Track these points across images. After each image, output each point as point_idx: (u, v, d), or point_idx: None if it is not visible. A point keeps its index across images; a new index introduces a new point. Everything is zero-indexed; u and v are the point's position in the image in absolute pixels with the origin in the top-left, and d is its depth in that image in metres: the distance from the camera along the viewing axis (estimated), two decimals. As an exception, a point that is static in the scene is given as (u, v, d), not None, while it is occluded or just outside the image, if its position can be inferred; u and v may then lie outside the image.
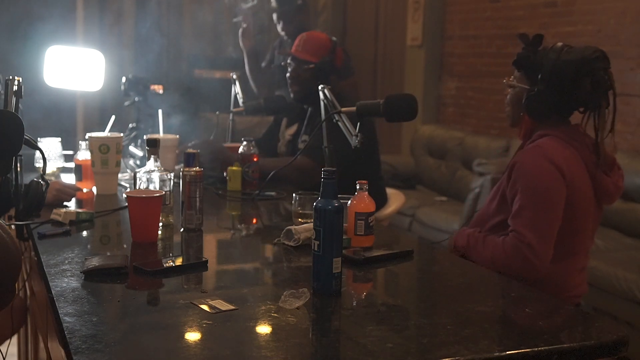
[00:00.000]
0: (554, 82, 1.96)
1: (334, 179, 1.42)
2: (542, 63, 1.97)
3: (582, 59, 1.94)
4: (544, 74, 1.97)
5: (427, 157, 5.58)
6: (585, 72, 1.93)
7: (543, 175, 1.93)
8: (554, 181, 1.93)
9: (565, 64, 1.94)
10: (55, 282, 1.44)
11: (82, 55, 3.25)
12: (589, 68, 1.93)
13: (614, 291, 3.41)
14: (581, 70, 1.93)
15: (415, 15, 6.03)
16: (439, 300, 1.51)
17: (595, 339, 1.26)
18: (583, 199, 1.98)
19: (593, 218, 2.04)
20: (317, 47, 2.85)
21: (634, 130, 4.35)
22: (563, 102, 1.99)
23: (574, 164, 1.96)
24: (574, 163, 1.96)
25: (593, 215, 2.03)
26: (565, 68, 1.94)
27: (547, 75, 1.96)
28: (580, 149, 1.98)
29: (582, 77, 1.93)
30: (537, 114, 2.02)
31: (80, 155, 2.50)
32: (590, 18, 4.57)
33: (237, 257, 1.84)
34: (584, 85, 1.94)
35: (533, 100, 2.00)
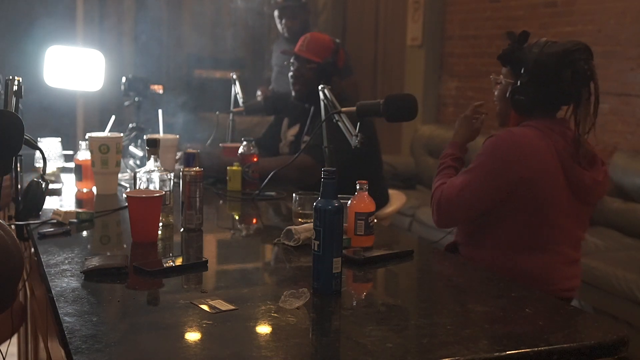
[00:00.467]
0: (536, 74, 2.00)
1: (334, 179, 1.42)
2: (526, 57, 2.02)
3: (563, 51, 1.97)
4: (527, 67, 2.01)
5: (427, 157, 5.58)
6: (566, 64, 1.97)
7: (504, 157, 1.98)
8: (505, 166, 1.97)
9: (547, 56, 1.98)
10: (55, 282, 1.44)
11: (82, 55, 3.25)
12: (570, 59, 1.97)
13: (614, 291, 3.41)
14: (562, 62, 1.97)
15: (415, 15, 6.03)
16: (439, 300, 1.51)
17: (595, 339, 1.26)
18: (553, 192, 1.99)
19: (572, 212, 2.04)
20: (321, 47, 2.86)
21: (634, 130, 4.35)
22: (546, 94, 2.02)
23: (545, 155, 1.98)
24: (545, 154, 1.98)
25: (573, 210, 2.04)
26: (547, 60, 1.98)
27: (529, 68, 2.00)
28: (557, 141, 2.00)
29: (562, 68, 1.97)
30: (521, 107, 2.06)
31: (80, 155, 2.50)
32: (590, 18, 4.57)
33: (237, 257, 1.84)
34: (564, 77, 1.97)
35: (517, 93, 2.04)
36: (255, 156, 2.57)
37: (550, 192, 1.99)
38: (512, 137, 2.00)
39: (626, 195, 4.11)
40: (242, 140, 2.63)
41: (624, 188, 4.11)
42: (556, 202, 2.00)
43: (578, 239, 2.09)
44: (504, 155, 1.98)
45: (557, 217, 2.02)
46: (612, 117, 4.49)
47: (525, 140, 1.98)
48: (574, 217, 2.06)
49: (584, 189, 2.02)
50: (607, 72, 4.47)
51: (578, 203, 2.05)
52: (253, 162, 2.56)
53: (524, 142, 1.98)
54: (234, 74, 3.36)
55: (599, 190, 2.06)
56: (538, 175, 1.96)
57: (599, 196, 2.09)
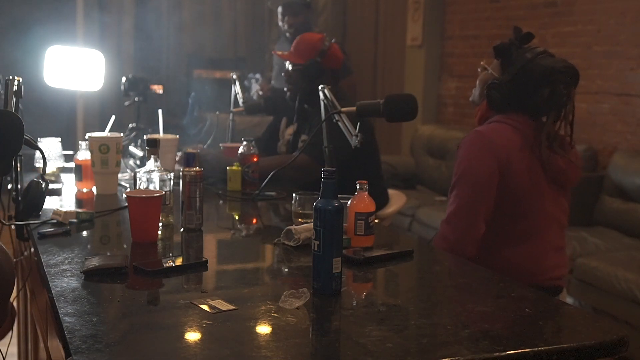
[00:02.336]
0: (518, 79, 2.04)
1: (334, 179, 1.42)
2: (517, 58, 2.05)
3: (551, 68, 2.00)
4: (513, 69, 2.04)
5: (427, 157, 5.58)
6: (548, 82, 2.00)
7: (475, 154, 2.02)
8: (484, 161, 2.00)
9: (535, 66, 2.02)
10: (55, 282, 1.44)
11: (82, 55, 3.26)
12: (553, 79, 2.00)
13: (614, 291, 3.41)
14: (545, 79, 2.00)
15: (415, 15, 6.03)
16: (439, 300, 1.51)
17: (595, 339, 1.25)
18: (530, 179, 2.02)
19: (552, 197, 2.07)
20: (306, 49, 2.87)
21: (634, 130, 4.35)
22: (519, 100, 2.06)
23: (514, 143, 2.01)
24: (514, 142, 2.02)
25: (550, 195, 2.06)
26: (533, 71, 2.02)
27: (514, 70, 2.04)
28: (524, 130, 2.03)
29: (543, 84, 2.01)
30: (493, 102, 2.09)
31: (80, 155, 2.50)
32: (590, 18, 4.57)
33: (237, 257, 1.84)
34: (542, 93, 2.01)
35: (493, 89, 2.08)
36: (255, 156, 2.57)
37: (527, 179, 2.02)
38: (479, 136, 2.04)
39: (626, 195, 4.11)
40: (242, 140, 2.63)
41: (624, 188, 4.11)
42: (535, 188, 2.03)
43: (561, 225, 2.12)
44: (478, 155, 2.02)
45: (538, 204, 2.05)
46: (612, 117, 4.49)
47: (493, 135, 2.03)
48: (554, 202, 2.09)
49: (560, 172, 2.06)
50: (607, 72, 4.47)
51: (556, 187, 2.08)
52: (253, 162, 2.56)
53: (492, 136, 2.02)
54: (234, 74, 3.36)
55: (574, 172, 2.10)
56: (511, 163, 2.00)
57: (575, 179, 2.13)
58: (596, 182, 4.31)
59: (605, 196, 4.24)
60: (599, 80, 4.51)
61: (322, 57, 2.84)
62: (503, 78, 2.06)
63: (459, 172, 2.05)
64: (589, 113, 4.60)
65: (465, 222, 2.02)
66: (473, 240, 2.01)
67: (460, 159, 2.05)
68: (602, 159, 4.49)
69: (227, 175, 2.56)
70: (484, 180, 2.00)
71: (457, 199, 2.03)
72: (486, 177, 2.00)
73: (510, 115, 2.07)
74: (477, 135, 2.04)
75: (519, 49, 2.07)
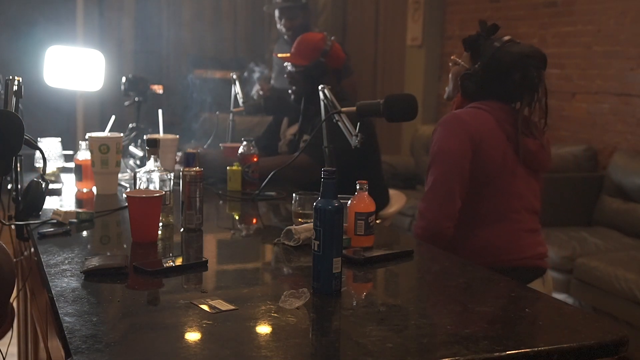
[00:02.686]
0: (489, 67, 2.10)
1: (334, 179, 1.42)
2: (486, 48, 2.11)
3: (519, 53, 2.07)
4: (483, 58, 2.11)
5: (427, 157, 5.56)
6: (518, 67, 2.07)
7: (449, 134, 2.08)
8: (458, 140, 2.06)
9: (504, 54, 2.08)
10: (55, 282, 1.44)
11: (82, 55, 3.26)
12: (523, 63, 2.07)
13: (614, 291, 3.41)
14: (515, 64, 2.07)
15: (415, 15, 6.03)
16: (439, 300, 1.51)
17: (595, 339, 1.25)
18: (502, 159, 2.07)
19: (523, 179, 2.12)
20: (308, 50, 2.86)
21: (634, 130, 4.35)
22: (492, 88, 2.13)
23: (486, 125, 2.08)
24: (486, 124, 2.08)
25: (520, 176, 2.11)
26: (502, 58, 2.08)
27: (485, 59, 2.10)
28: (497, 114, 2.09)
29: (514, 69, 2.08)
30: (468, 93, 2.16)
31: (80, 155, 2.50)
32: (590, 18, 4.57)
33: (237, 257, 1.84)
34: (513, 78, 2.08)
35: (467, 80, 2.14)
36: (255, 156, 2.57)
37: (498, 159, 2.07)
38: (454, 117, 2.11)
39: (626, 195, 4.11)
40: (242, 140, 2.63)
41: (624, 188, 4.11)
42: (506, 170, 2.08)
43: (534, 208, 2.16)
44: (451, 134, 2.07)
45: (509, 185, 2.09)
46: (612, 117, 4.49)
47: (467, 117, 2.09)
48: (525, 184, 2.13)
49: (530, 154, 2.11)
50: (607, 72, 4.47)
51: (528, 170, 2.13)
52: (253, 162, 2.56)
53: (465, 118, 2.08)
54: (234, 74, 3.35)
55: (544, 155, 2.15)
56: (483, 142, 2.06)
57: (546, 162, 2.18)
58: (596, 182, 4.31)
59: (605, 196, 4.24)
60: (599, 80, 4.51)
61: (325, 57, 2.84)
62: (475, 68, 2.12)
63: (433, 151, 2.11)
64: (589, 113, 4.60)
65: (441, 198, 2.07)
66: (449, 215, 2.07)
67: (435, 140, 2.12)
68: (602, 159, 4.49)
69: (227, 175, 2.56)
70: (457, 157, 2.06)
71: (432, 177, 2.09)
72: (459, 154, 2.06)
73: (485, 102, 2.13)
74: (451, 116, 2.11)
75: (486, 39, 2.13)
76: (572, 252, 3.74)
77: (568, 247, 3.78)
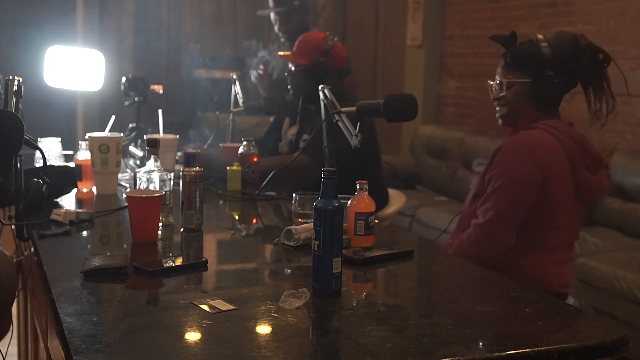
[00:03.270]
0: (558, 66, 2.03)
1: (334, 179, 1.42)
2: (540, 52, 2.03)
3: (571, 39, 2.03)
4: (547, 61, 2.02)
5: (427, 157, 5.58)
6: (580, 52, 2.02)
7: (519, 163, 2.00)
8: (529, 170, 1.98)
9: (561, 46, 2.03)
10: (55, 282, 1.44)
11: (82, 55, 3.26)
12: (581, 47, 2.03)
13: (614, 291, 3.41)
14: (576, 50, 2.02)
15: (415, 15, 6.03)
16: (439, 300, 1.51)
17: (595, 339, 1.25)
18: (562, 194, 2.01)
19: (573, 214, 2.07)
20: (308, 49, 2.86)
21: (634, 130, 4.35)
22: (569, 83, 2.07)
23: (556, 156, 2.00)
24: (556, 156, 2.01)
25: (573, 211, 2.06)
26: (562, 52, 2.02)
27: (550, 61, 2.02)
28: (565, 142, 2.02)
29: (579, 56, 2.03)
30: (547, 101, 2.08)
31: (80, 155, 2.49)
32: (590, 18, 4.57)
33: (237, 257, 1.84)
34: (583, 63, 2.03)
35: (542, 90, 2.05)
36: (255, 156, 2.57)
37: (558, 195, 2.00)
38: (525, 144, 2.01)
39: (626, 195, 4.11)
40: (242, 140, 2.63)
41: (624, 188, 4.11)
42: (563, 204, 2.02)
43: (574, 239, 2.12)
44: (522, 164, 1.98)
45: (558, 218, 2.03)
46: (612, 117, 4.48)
47: (539, 147, 1.99)
48: (573, 217, 2.08)
49: (589, 192, 2.05)
50: (607, 72, 4.47)
51: (579, 205, 2.07)
52: (253, 162, 2.56)
53: (537, 149, 1.99)
54: (234, 74, 3.35)
55: (601, 193, 2.09)
56: (551, 177, 1.98)
57: (598, 199, 2.11)
58: (596, 182, 4.30)
59: (605, 196, 4.24)
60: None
61: (325, 57, 2.84)
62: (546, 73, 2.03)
63: (501, 178, 2.01)
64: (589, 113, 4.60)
65: (503, 230, 2.00)
66: (505, 248, 2.01)
67: (504, 166, 2.02)
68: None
69: (226, 175, 2.56)
70: (526, 191, 1.99)
71: (498, 206, 2.00)
72: (529, 188, 1.98)
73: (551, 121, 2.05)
74: (522, 145, 2.01)
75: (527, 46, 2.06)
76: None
77: (568, 247, 3.77)
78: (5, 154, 1.47)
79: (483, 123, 5.47)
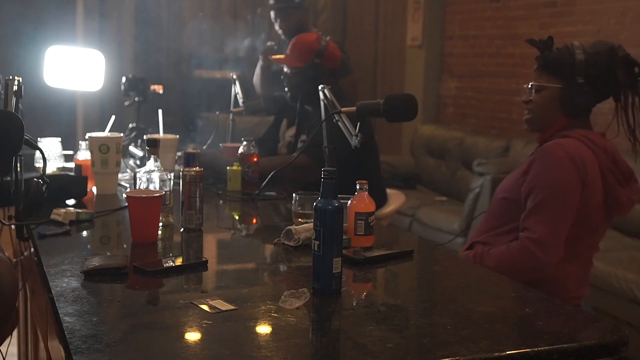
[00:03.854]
0: (591, 75, 1.99)
1: (334, 179, 1.42)
2: (574, 59, 2.00)
3: (608, 50, 2.00)
4: (580, 69, 1.99)
5: (427, 157, 5.58)
6: (617, 63, 1.99)
7: (563, 171, 1.94)
8: (573, 179, 1.94)
9: (597, 55, 1.99)
10: (55, 282, 1.44)
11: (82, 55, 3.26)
12: (619, 59, 1.99)
13: (614, 291, 3.41)
14: (613, 62, 1.99)
15: (415, 15, 6.03)
16: (439, 300, 1.51)
17: (595, 339, 1.26)
18: (594, 204, 1.98)
19: (599, 226, 2.03)
20: (302, 51, 2.85)
21: (634, 130, 4.34)
22: (601, 93, 2.03)
23: (591, 165, 1.97)
24: (591, 166, 1.97)
25: (599, 223, 2.03)
26: (598, 60, 1.99)
27: (583, 68, 1.99)
28: (597, 152, 1.99)
29: (615, 68, 1.99)
30: (577, 109, 2.04)
31: (80, 155, 2.49)
32: (590, 18, 4.57)
33: (237, 257, 1.84)
34: (617, 76, 1.99)
35: (574, 97, 2.02)
36: (255, 156, 2.57)
37: (590, 206, 1.97)
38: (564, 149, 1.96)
39: (626, 195, 4.11)
40: (242, 140, 2.63)
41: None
42: (593, 216, 1.99)
43: (595, 251, 2.09)
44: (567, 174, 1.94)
45: (590, 230, 2.01)
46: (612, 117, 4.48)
47: (577, 152, 1.97)
48: (601, 230, 2.05)
49: (618, 206, 2.02)
50: (607, 72, 4.46)
51: (607, 217, 2.05)
52: (253, 162, 2.56)
53: (576, 154, 1.96)
54: (234, 74, 3.35)
55: (630, 207, 2.05)
56: (587, 187, 1.96)
57: (625, 214, 2.07)
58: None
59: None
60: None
61: (320, 58, 2.84)
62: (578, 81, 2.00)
63: (547, 187, 1.95)
64: (589, 113, 4.60)
65: (560, 243, 1.94)
66: (557, 262, 1.95)
67: (547, 173, 1.96)
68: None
69: (226, 175, 2.56)
70: (572, 199, 1.94)
71: (551, 219, 1.93)
72: (574, 196, 1.94)
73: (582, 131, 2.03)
74: (561, 150, 1.97)
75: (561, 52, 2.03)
76: (572, 252, 3.73)
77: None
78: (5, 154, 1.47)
79: (483, 123, 5.48)
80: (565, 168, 1.94)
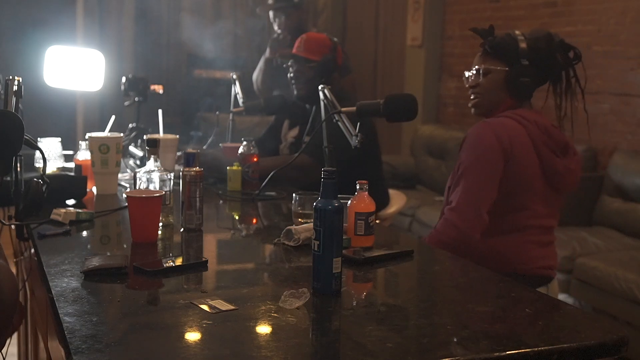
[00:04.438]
0: (535, 58, 2.11)
1: (334, 179, 1.42)
2: (517, 44, 2.12)
3: (546, 36, 2.11)
4: (524, 52, 2.11)
5: (427, 157, 5.58)
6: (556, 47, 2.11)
7: (482, 145, 2.08)
8: (493, 151, 2.06)
9: (537, 41, 2.11)
10: (55, 282, 1.44)
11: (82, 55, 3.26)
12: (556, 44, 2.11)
13: (614, 291, 3.41)
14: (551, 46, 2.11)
15: (415, 15, 6.03)
16: (439, 300, 1.51)
17: (595, 339, 1.25)
18: (527, 176, 2.08)
19: (544, 198, 2.12)
20: (318, 45, 2.88)
21: (634, 130, 4.35)
22: (544, 75, 2.15)
23: (518, 138, 2.08)
24: (518, 137, 2.08)
25: (544, 195, 2.12)
26: (540, 45, 2.11)
27: (527, 52, 2.11)
28: (530, 129, 2.09)
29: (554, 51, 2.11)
30: (523, 90, 2.15)
31: (80, 155, 2.49)
32: (590, 18, 4.57)
33: (237, 257, 1.84)
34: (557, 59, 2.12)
35: (519, 78, 2.12)
36: (255, 156, 2.57)
37: (525, 178, 2.07)
38: (487, 127, 2.09)
39: (626, 195, 4.11)
40: (242, 140, 2.63)
41: (624, 188, 4.11)
42: (530, 187, 2.09)
43: (549, 225, 2.17)
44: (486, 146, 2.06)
45: (528, 202, 2.10)
46: (612, 117, 4.49)
47: (502, 128, 2.08)
48: (545, 203, 2.13)
49: (557, 176, 2.11)
50: (607, 72, 4.47)
51: (550, 190, 2.13)
52: (253, 162, 2.56)
53: (499, 129, 2.07)
54: (234, 74, 3.35)
55: (572, 178, 2.15)
56: (513, 157, 2.06)
57: (572, 185, 2.17)
58: (596, 182, 4.31)
59: (605, 196, 4.24)
60: (599, 80, 4.51)
61: (334, 53, 2.87)
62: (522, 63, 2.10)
63: (467, 161, 2.09)
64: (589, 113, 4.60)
65: (474, 210, 2.06)
66: (480, 227, 2.06)
67: (469, 149, 2.10)
68: (602, 159, 4.49)
69: (226, 175, 2.56)
70: (491, 170, 2.06)
71: (467, 187, 2.07)
72: (493, 167, 2.05)
73: (518, 111, 2.13)
74: (486, 127, 2.10)
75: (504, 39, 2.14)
76: (572, 252, 3.74)
77: (568, 247, 3.78)
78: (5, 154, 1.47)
79: (483, 123, 5.47)
80: (485, 142, 2.07)
